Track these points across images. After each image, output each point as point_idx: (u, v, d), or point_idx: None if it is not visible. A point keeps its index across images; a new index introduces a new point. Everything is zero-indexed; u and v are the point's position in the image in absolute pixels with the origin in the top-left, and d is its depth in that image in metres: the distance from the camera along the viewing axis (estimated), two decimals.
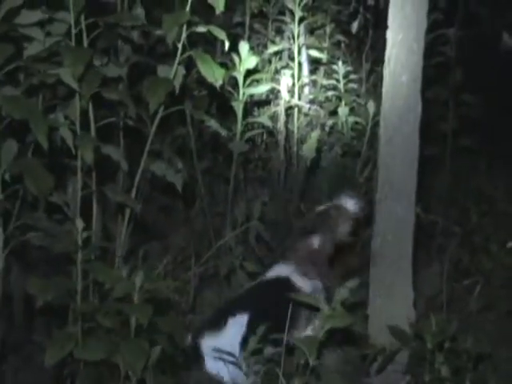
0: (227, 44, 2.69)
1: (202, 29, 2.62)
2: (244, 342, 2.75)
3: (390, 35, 2.85)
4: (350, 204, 3.03)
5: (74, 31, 2.49)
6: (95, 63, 2.60)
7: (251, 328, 2.75)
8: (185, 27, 2.62)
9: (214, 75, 2.62)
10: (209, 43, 3.72)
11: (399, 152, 2.86)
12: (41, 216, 2.50)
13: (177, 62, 2.67)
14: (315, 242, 2.99)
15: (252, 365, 2.61)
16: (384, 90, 2.89)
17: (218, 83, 2.63)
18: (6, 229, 2.50)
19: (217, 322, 2.83)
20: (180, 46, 2.65)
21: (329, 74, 4.59)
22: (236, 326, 2.81)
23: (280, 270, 2.98)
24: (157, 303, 2.35)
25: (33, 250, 2.72)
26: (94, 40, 2.59)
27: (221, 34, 2.64)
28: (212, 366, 2.77)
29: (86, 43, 2.53)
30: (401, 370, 2.78)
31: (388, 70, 2.86)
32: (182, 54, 2.67)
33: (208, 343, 2.78)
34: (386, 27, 2.86)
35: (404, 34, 2.81)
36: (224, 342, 2.76)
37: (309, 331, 2.82)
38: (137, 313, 2.27)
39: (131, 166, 2.83)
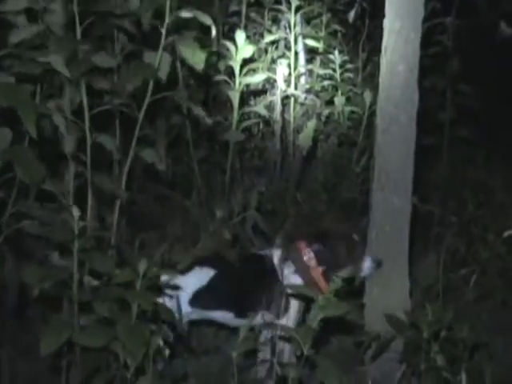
0: (214, 30, 2.65)
1: (186, 14, 2.59)
2: (196, 295, 2.76)
3: (387, 24, 2.84)
4: (365, 265, 2.90)
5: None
6: (88, 51, 2.57)
7: (210, 285, 2.78)
8: (168, 12, 2.58)
9: (194, 58, 2.59)
10: (203, 32, 3.70)
11: (396, 141, 2.85)
12: (33, 204, 2.48)
13: (161, 47, 2.64)
14: (317, 255, 2.92)
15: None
16: (381, 79, 2.88)
17: (199, 67, 2.60)
18: (1, 217, 2.48)
19: (186, 266, 2.78)
20: (164, 31, 2.61)
21: (325, 64, 4.59)
22: (198, 276, 2.81)
23: (271, 252, 2.96)
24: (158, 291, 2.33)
25: (28, 239, 2.71)
26: (86, 29, 2.56)
27: (207, 20, 2.60)
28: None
29: (78, 32, 2.51)
30: (396, 359, 2.79)
31: (385, 60, 2.85)
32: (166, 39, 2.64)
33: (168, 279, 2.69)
34: (382, 16, 2.85)
35: (401, 23, 2.80)
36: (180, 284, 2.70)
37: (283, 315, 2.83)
38: (139, 299, 2.23)
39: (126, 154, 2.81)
